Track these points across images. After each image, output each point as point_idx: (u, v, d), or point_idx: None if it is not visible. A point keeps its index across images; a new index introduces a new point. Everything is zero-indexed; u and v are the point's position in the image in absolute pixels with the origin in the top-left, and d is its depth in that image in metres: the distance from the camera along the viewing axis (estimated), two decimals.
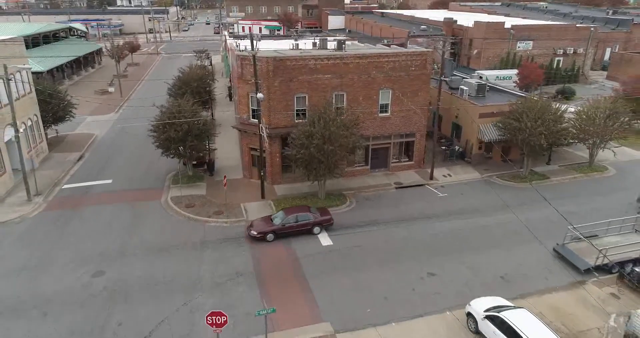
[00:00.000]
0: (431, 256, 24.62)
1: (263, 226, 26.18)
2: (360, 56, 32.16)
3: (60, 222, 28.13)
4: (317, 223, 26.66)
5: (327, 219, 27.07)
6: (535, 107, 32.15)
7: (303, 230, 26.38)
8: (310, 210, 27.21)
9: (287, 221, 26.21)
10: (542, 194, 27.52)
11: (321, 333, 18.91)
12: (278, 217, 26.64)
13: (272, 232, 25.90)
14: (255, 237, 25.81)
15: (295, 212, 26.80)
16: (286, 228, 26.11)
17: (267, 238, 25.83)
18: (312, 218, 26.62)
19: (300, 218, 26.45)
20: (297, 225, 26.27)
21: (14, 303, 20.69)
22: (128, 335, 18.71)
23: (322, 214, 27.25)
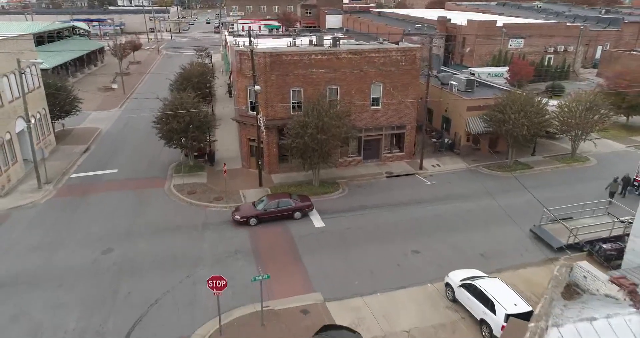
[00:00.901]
0: (416, 236, 26.47)
1: (247, 211, 27.88)
2: (353, 51, 34.00)
3: (69, 207, 29.97)
4: (298, 209, 28.34)
5: (308, 205, 28.79)
6: (518, 100, 33.99)
7: (284, 215, 28.03)
8: (291, 197, 28.95)
9: (269, 207, 27.88)
10: (524, 182, 29.26)
11: (312, 302, 20.75)
12: (261, 203, 28.28)
13: (255, 217, 27.55)
14: (239, 221, 27.46)
15: (278, 198, 28.55)
16: (268, 213, 27.77)
17: (250, 222, 27.45)
18: (293, 204, 28.32)
19: (282, 203, 28.13)
20: (278, 210, 27.95)
21: (31, 276, 22.53)
22: (136, 303, 20.56)
23: (303, 200, 28.96)
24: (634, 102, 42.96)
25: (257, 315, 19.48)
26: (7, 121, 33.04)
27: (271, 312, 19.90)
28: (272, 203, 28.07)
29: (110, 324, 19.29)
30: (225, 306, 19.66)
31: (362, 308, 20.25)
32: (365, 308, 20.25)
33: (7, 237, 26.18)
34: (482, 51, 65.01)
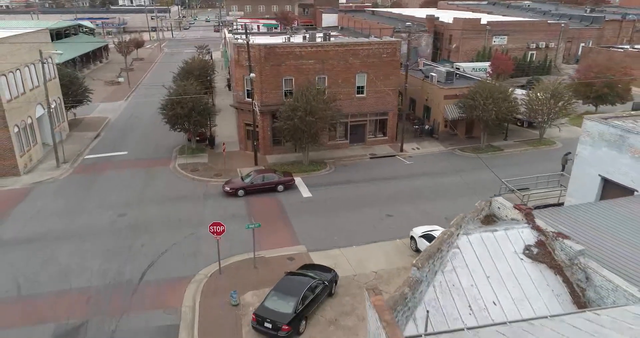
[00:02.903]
0: (391, 204, 30.28)
1: (235, 184, 31.65)
2: (339, 44, 37.84)
3: (86, 182, 33.78)
4: (281, 183, 32.03)
5: (289, 180, 32.53)
6: (487, 88, 37.80)
7: (268, 187, 31.75)
8: (275, 172, 32.85)
9: (255, 180, 31.70)
10: (494, 163, 33.71)
11: (297, 252, 24.59)
12: (249, 177, 32.10)
13: (242, 188, 31.27)
14: (229, 192, 31.14)
15: (263, 173, 32.50)
16: (254, 186, 31.49)
17: (238, 193, 31.11)
18: (276, 178, 32.12)
19: (267, 178, 32.00)
20: (263, 184, 31.72)
21: (57, 234, 26.35)
22: (149, 252, 24.39)
23: (285, 176, 32.79)
24: (600, 92, 46.71)
25: (251, 261, 23.30)
26: (28, 107, 36.83)
27: (262, 259, 23.71)
28: (258, 177, 31.92)
29: (128, 267, 23.12)
30: (223, 255, 23.45)
31: (339, 256, 24.07)
32: (341, 256, 24.07)
33: (33, 205, 29.99)
34: (468, 47, 68.87)
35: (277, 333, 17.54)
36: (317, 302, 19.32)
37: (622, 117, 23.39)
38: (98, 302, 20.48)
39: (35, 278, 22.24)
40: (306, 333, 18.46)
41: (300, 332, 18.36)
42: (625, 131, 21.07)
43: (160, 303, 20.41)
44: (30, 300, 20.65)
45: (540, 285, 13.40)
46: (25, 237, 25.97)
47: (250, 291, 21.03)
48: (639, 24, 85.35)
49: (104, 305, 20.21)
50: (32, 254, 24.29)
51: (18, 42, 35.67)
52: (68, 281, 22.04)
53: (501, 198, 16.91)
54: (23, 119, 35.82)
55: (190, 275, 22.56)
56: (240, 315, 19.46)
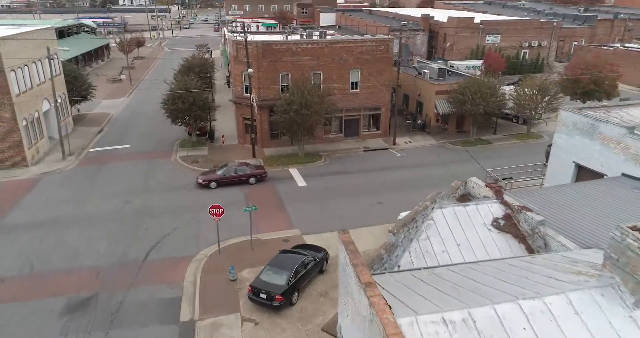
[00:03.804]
0: (382, 192, 31.87)
1: (208, 176, 32.53)
2: (333, 41, 39.44)
3: (91, 172, 35.36)
4: (253, 175, 32.83)
5: (261, 173, 33.33)
6: (476, 84, 39.40)
7: (241, 180, 32.55)
8: (247, 165, 33.61)
9: (227, 172, 32.48)
10: (483, 155, 35.48)
11: (292, 235, 26.19)
12: (222, 169, 33.07)
13: (215, 180, 32.05)
14: (201, 184, 32.03)
15: (236, 166, 33.31)
16: (227, 178, 32.30)
17: (210, 185, 31.91)
18: (248, 171, 32.89)
19: (239, 170, 32.82)
20: (235, 176, 32.49)
21: (66, 219, 27.94)
22: (152, 235, 25.99)
23: (258, 169, 33.64)
24: (587, 88, 48.27)
25: (248, 243, 24.91)
26: (35, 101, 38.41)
27: (259, 241, 25.31)
28: (231, 169, 32.83)
29: (133, 248, 24.72)
30: (222, 237, 25.03)
31: (331, 239, 25.62)
32: (333, 239, 25.62)
33: (42, 193, 31.58)
34: (462, 45, 70.48)
35: (271, 303, 19.14)
36: (308, 276, 20.91)
37: (595, 108, 24.99)
38: (106, 278, 22.08)
39: (47, 258, 23.83)
40: (298, 304, 20.06)
41: (293, 303, 19.96)
42: (595, 120, 22.64)
43: (163, 278, 22.02)
44: (43, 277, 22.25)
45: (505, 252, 14.98)
46: (36, 222, 27.57)
47: (247, 268, 22.62)
48: (630, 23, 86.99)
49: (111, 281, 21.81)
50: (42, 237, 25.88)
51: (26, 38, 37.20)
52: (77, 260, 23.64)
53: (475, 178, 18.51)
54: (31, 113, 37.38)
55: (192, 254, 24.16)
56: (237, 289, 21.06)
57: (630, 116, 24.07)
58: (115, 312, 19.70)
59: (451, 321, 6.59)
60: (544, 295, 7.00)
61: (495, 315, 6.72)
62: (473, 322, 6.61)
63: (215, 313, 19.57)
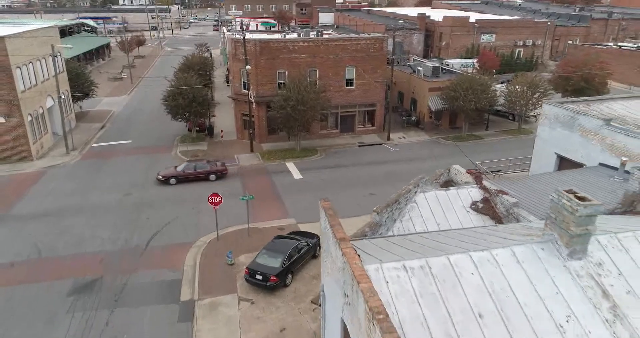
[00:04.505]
0: (375, 185, 33.05)
1: (168, 172, 32.81)
2: (329, 39, 40.64)
3: (94, 166, 36.55)
4: (213, 172, 33.16)
5: (222, 169, 33.64)
6: (467, 80, 40.59)
7: (200, 176, 32.86)
8: (208, 162, 34.02)
9: (187, 169, 32.81)
10: (474, 150, 36.59)
11: (287, 223, 27.38)
12: (181, 166, 33.47)
13: (174, 177, 32.38)
14: (160, 180, 32.43)
15: (196, 162, 33.87)
16: (186, 174, 32.60)
17: (170, 181, 32.24)
18: (208, 167, 33.28)
19: (199, 167, 33.21)
20: (195, 173, 32.78)
21: (71, 210, 29.11)
22: (153, 224, 27.19)
23: (219, 166, 33.91)
24: (578, 86, 49.45)
25: (245, 230, 26.09)
26: (40, 98, 39.58)
27: (255, 229, 26.49)
28: (190, 165, 33.21)
29: (135, 236, 25.91)
30: (221, 226, 26.19)
31: None
32: None
33: (47, 185, 32.77)
34: (457, 44, 71.61)
35: (266, 283, 20.32)
36: (302, 260, 22.10)
37: (577, 102, 26.17)
38: (110, 262, 23.27)
39: (53, 245, 25.01)
40: (292, 286, 21.25)
41: (287, 284, 21.15)
42: (575, 113, 23.82)
43: (164, 263, 23.20)
44: (50, 261, 23.44)
45: None
46: (42, 212, 28.76)
47: (244, 254, 23.80)
48: (623, 23, 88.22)
49: (115, 265, 23.00)
50: (48, 226, 27.07)
51: (31, 36, 38.39)
52: (82, 247, 24.82)
53: (458, 165, 19.69)
54: (35, 109, 38.55)
55: (191, 241, 25.35)
56: (235, 272, 22.24)
57: (609, 110, 25.22)
58: (119, 292, 20.89)
59: (411, 267, 7.74)
60: (492, 248, 8.16)
61: (448, 263, 7.87)
62: (429, 268, 7.76)
63: (214, 293, 20.76)
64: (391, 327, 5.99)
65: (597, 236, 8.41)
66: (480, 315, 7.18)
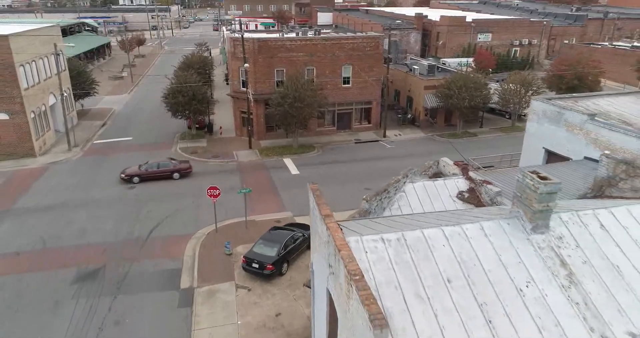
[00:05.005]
0: (370, 180, 33.83)
1: (131, 171, 32.93)
2: (326, 38, 41.48)
3: (96, 162, 37.39)
4: (176, 170, 33.27)
5: (186, 167, 33.81)
6: (461, 79, 41.44)
7: (164, 175, 32.99)
8: (172, 161, 34.18)
9: (150, 167, 32.92)
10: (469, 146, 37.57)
11: (284, 216, 28.22)
12: (145, 164, 33.48)
13: (137, 175, 32.52)
14: (124, 179, 32.59)
15: (159, 161, 33.90)
16: (149, 173, 32.70)
17: (133, 180, 32.44)
18: (171, 166, 33.40)
19: (162, 165, 33.32)
20: (157, 171, 32.86)
21: (74, 203, 29.95)
22: (154, 217, 28.04)
23: (182, 164, 34.19)
24: (571, 84, 50.30)
25: (243, 223, 26.92)
26: (42, 95, 40.42)
27: (253, 222, 27.33)
28: (153, 164, 33.31)
29: (137, 228, 26.76)
30: (219, 218, 27.04)
31: None
32: None
33: (51, 180, 33.62)
34: (454, 43, 72.49)
35: (263, 271, 21.16)
36: (297, 250, 22.93)
37: (564, 99, 26.98)
38: (113, 252, 24.12)
39: (57, 236, 25.85)
40: (287, 274, 22.10)
41: (283, 273, 22.00)
42: (561, 108, 24.64)
43: (165, 253, 24.06)
44: (54, 251, 24.29)
45: None
46: (46, 205, 29.60)
47: (241, 245, 24.63)
48: (618, 22, 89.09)
49: (117, 255, 23.85)
50: (52, 218, 27.90)
51: (34, 35, 39.23)
52: (85, 238, 25.67)
53: (446, 158, 20.53)
54: (38, 106, 39.37)
55: (191, 233, 26.21)
56: (232, 262, 23.09)
57: (596, 106, 26.04)
58: (122, 280, 21.74)
59: (388, 239, 8.56)
60: (463, 223, 8.99)
61: (422, 236, 8.69)
62: (404, 240, 8.58)
63: (212, 281, 21.60)
64: (365, 286, 6.82)
65: (559, 214, 9.24)
66: (448, 280, 8.01)
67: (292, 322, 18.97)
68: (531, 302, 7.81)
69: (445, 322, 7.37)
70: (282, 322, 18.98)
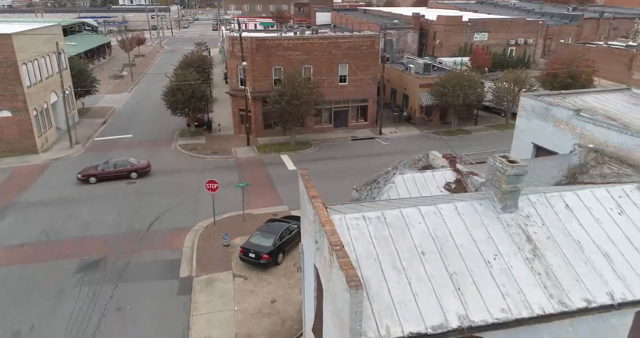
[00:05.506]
0: (365, 175, 34.21)
1: (87, 171, 32.81)
2: (323, 37, 42.28)
3: (98, 158, 37.93)
4: (134, 170, 33.18)
5: (144, 167, 33.66)
6: (455, 77, 42.25)
7: (121, 174, 32.91)
8: (130, 160, 34.02)
9: (106, 167, 32.83)
10: (463, 143, 38.33)
11: (280, 210, 29.01)
12: (101, 164, 33.46)
13: (94, 176, 32.40)
14: (80, 179, 32.39)
15: (116, 161, 33.71)
16: (106, 173, 32.55)
17: (89, 180, 32.25)
18: (129, 165, 33.33)
19: (119, 165, 33.15)
20: (114, 171, 32.74)
21: (75, 198, 30.76)
22: (154, 210, 28.84)
23: (140, 163, 33.99)
24: (565, 82, 51.11)
25: (240, 216, 27.73)
26: (44, 93, 41.20)
27: (250, 215, 28.12)
28: (110, 164, 33.17)
29: (137, 221, 27.56)
30: (217, 212, 27.83)
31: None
32: None
33: (52, 176, 34.41)
34: (450, 42, 73.28)
35: (259, 261, 21.96)
36: (292, 241, 23.70)
37: (553, 95, 27.77)
38: (114, 244, 24.92)
39: (60, 229, 26.65)
40: (283, 264, 22.90)
41: (279, 263, 22.79)
42: (549, 104, 25.42)
43: (165, 244, 24.86)
44: (57, 243, 25.09)
45: None
46: (48, 200, 30.39)
47: (239, 237, 25.42)
48: (613, 22, 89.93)
49: (119, 246, 24.65)
50: (55, 212, 28.70)
51: (37, 34, 40.01)
52: (87, 230, 26.47)
53: (435, 151, 21.32)
54: (40, 104, 40.16)
55: (190, 226, 27.02)
56: (230, 252, 23.88)
57: (583, 102, 26.82)
58: (123, 270, 22.54)
59: (369, 217, 9.35)
60: (438, 203, 9.77)
61: (400, 215, 9.48)
62: (384, 218, 9.37)
63: (210, 270, 22.41)
64: (345, 254, 7.59)
65: (528, 195, 10.03)
66: (423, 253, 8.79)
67: (287, 309, 19.77)
68: (497, 272, 8.60)
69: (418, 289, 8.16)
70: (277, 308, 19.77)
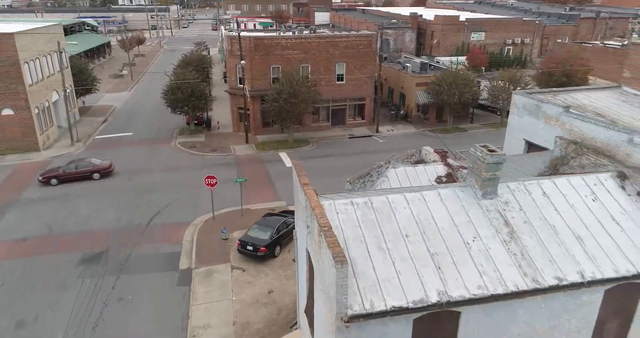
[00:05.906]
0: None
1: (48, 172, 32.53)
2: (320, 36, 42.89)
3: (98, 156, 38.44)
4: (96, 171, 32.99)
5: (106, 167, 33.59)
6: (451, 75, 42.87)
7: (84, 175, 32.65)
8: (92, 161, 33.81)
9: (67, 169, 32.44)
10: (459, 141, 39.01)
11: (278, 205, 29.62)
12: (63, 166, 33.11)
13: (55, 177, 31.96)
14: (41, 181, 31.90)
15: (77, 162, 33.57)
16: (67, 174, 32.16)
17: (50, 182, 31.76)
18: (91, 166, 33.09)
19: (80, 166, 32.88)
20: (76, 172, 32.38)
21: (77, 194, 31.36)
22: (155, 205, 29.45)
23: (102, 164, 33.82)
24: (560, 81, 51.74)
25: (239, 211, 28.36)
26: (46, 92, 41.80)
27: (248, 210, 28.75)
28: (71, 165, 32.84)
29: (138, 215, 28.18)
30: (216, 207, 28.45)
31: None
32: None
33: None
34: (448, 42, 73.88)
35: (257, 253, 22.58)
36: (289, 234, 24.28)
37: (545, 93, 28.39)
38: (115, 237, 25.54)
39: (63, 223, 27.26)
40: (280, 257, 23.53)
41: (276, 255, 23.42)
42: (539, 101, 26.02)
43: (165, 238, 25.48)
44: (60, 237, 25.70)
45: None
46: (50, 196, 31.00)
47: (237, 231, 26.03)
48: (610, 22, 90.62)
49: (120, 240, 25.28)
50: (57, 208, 29.31)
51: (39, 33, 40.62)
52: (89, 225, 27.08)
53: (428, 146, 21.94)
54: (42, 102, 40.77)
55: (189, 220, 27.65)
56: (228, 245, 24.50)
57: (573, 99, 27.42)
58: (124, 262, 23.15)
59: (356, 203, 9.96)
60: (423, 190, 10.38)
61: (386, 200, 10.09)
62: (371, 204, 9.98)
63: (209, 263, 23.03)
64: (332, 234, 8.20)
65: (508, 183, 10.64)
66: (406, 235, 9.40)
67: (283, 299, 20.39)
68: (476, 253, 9.21)
69: (401, 268, 8.77)
70: (274, 298, 20.39)
